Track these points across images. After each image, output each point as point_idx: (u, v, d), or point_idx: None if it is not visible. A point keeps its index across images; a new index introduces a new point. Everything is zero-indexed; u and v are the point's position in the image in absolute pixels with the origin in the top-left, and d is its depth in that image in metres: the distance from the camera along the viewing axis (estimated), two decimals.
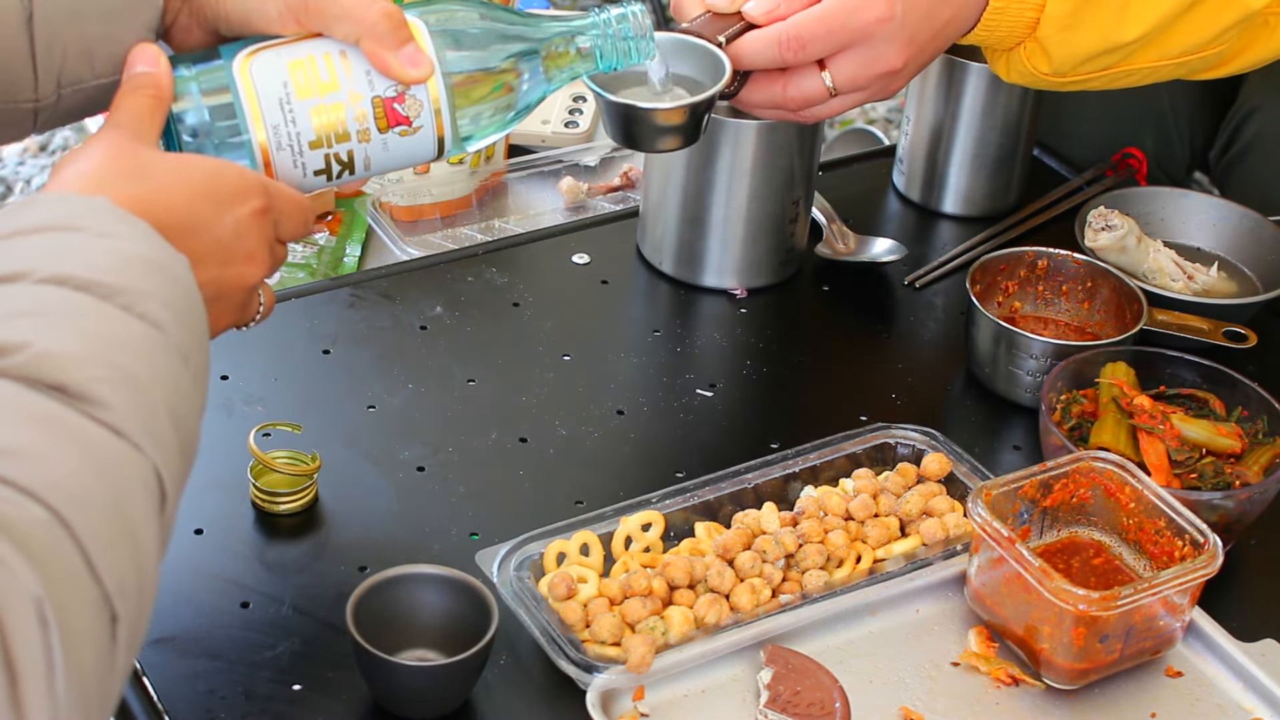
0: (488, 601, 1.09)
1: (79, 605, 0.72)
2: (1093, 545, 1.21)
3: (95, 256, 0.84)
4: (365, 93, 1.05)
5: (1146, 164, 1.71)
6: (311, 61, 1.05)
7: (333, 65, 1.05)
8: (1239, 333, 1.42)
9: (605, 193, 1.69)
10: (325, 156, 1.06)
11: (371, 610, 1.08)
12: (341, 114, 1.05)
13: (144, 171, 0.94)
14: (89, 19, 1.03)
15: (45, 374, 0.77)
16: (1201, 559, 1.13)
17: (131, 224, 0.87)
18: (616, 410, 1.37)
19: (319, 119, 1.05)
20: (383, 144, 1.07)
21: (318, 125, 1.05)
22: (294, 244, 1.60)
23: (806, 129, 1.47)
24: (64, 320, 0.80)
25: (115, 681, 0.75)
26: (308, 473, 1.23)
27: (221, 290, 0.96)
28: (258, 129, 1.04)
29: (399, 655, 1.08)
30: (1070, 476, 1.20)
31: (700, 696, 1.11)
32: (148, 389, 0.81)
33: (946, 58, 1.60)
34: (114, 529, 0.75)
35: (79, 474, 0.75)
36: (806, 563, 1.18)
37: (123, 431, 0.78)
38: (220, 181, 0.97)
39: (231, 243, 0.96)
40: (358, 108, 1.05)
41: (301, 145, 1.05)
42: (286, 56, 1.05)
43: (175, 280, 0.87)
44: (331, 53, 1.05)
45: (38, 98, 1.03)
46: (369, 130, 1.06)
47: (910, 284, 1.55)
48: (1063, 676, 1.12)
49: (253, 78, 1.04)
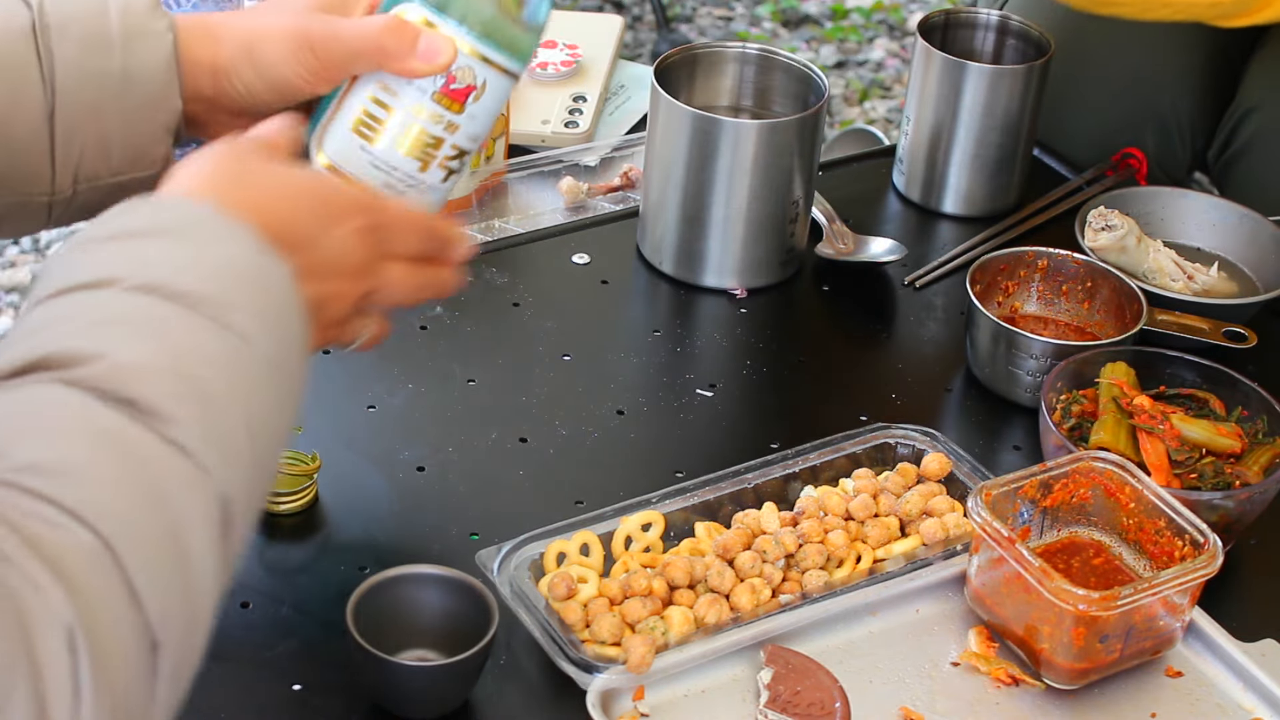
0: (488, 601, 1.09)
1: (115, 632, 0.71)
2: (1093, 545, 1.21)
3: (188, 264, 0.83)
4: (421, 99, 1.06)
5: (1146, 164, 1.71)
6: (364, 111, 1.06)
7: (380, 100, 1.06)
8: (1239, 333, 1.42)
9: (605, 193, 1.69)
10: (437, 166, 1.08)
11: (371, 610, 1.08)
12: (419, 129, 1.07)
13: (254, 179, 0.94)
14: (109, 116, 1.03)
15: (118, 387, 0.76)
16: (1201, 559, 1.13)
17: (234, 229, 0.87)
18: (616, 410, 1.37)
19: (406, 147, 1.07)
20: (469, 117, 1.08)
21: (410, 152, 1.07)
22: None
23: (806, 128, 1.48)
24: (146, 330, 0.79)
25: (157, 712, 0.74)
26: (308, 473, 1.23)
27: (322, 304, 0.95)
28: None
29: (399, 655, 1.08)
30: (1070, 476, 1.20)
31: (700, 696, 1.11)
32: (225, 405, 0.80)
33: (946, 58, 1.61)
34: (164, 556, 0.74)
35: (132, 497, 0.74)
36: (806, 563, 1.18)
37: (190, 450, 0.77)
38: (328, 197, 0.97)
39: (336, 258, 0.95)
40: (426, 113, 1.07)
41: (413, 177, 1.07)
42: (344, 123, 1.07)
43: (268, 289, 0.86)
44: (371, 90, 1.06)
45: (53, 191, 1.03)
46: (449, 120, 1.07)
47: (910, 284, 1.55)
48: (1063, 676, 1.12)
49: (336, 162, 1.06)
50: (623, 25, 1.99)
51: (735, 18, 3.71)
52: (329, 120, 1.07)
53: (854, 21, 3.74)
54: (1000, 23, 1.69)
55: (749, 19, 3.72)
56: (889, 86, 3.50)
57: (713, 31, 3.64)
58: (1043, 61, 1.61)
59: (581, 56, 1.84)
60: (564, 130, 1.76)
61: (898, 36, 3.70)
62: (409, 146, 1.07)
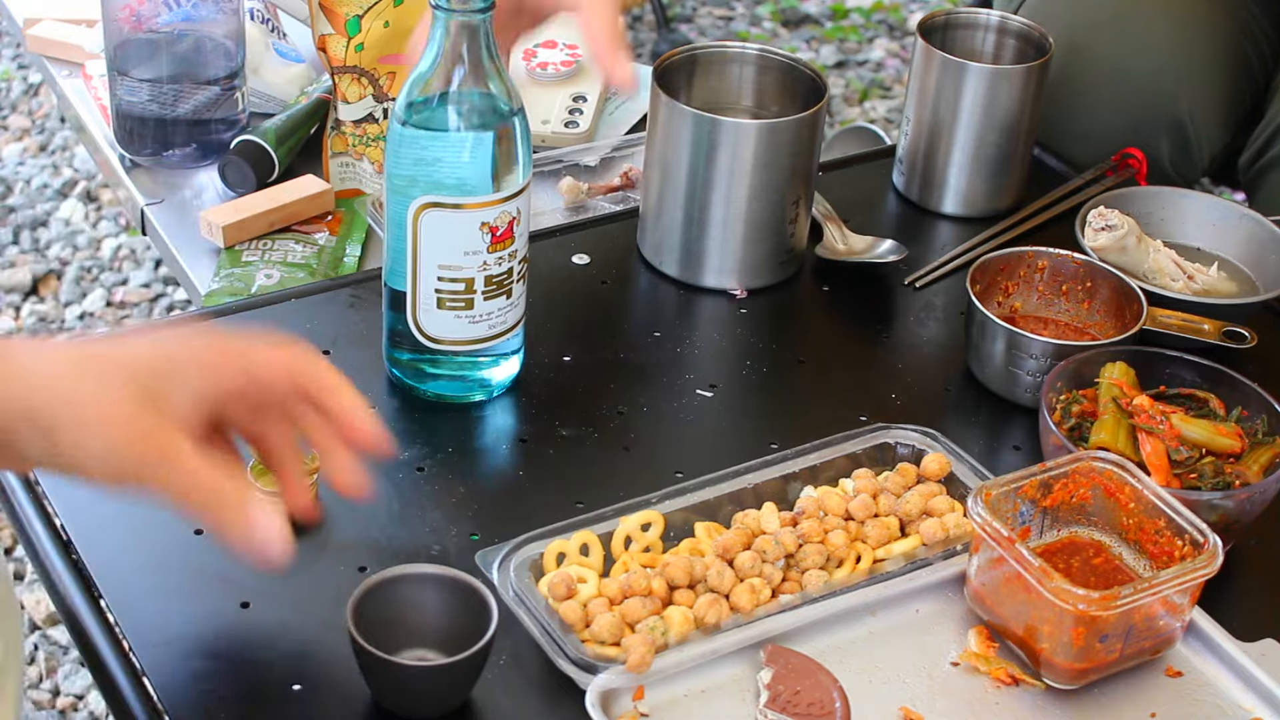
0: (487, 601, 1.09)
1: None
2: (1093, 545, 1.21)
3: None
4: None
5: (1148, 165, 1.71)
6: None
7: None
8: (1239, 333, 1.42)
9: (605, 193, 1.69)
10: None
11: (372, 610, 1.08)
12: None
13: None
14: None
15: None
16: (1201, 559, 1.13)
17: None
18: (617, 410, 1.37)
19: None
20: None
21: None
22: (294, 244, 1.61)
23: (806, 128, 1.48)
24: None
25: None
26: (308, 473, 1.23)
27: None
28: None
29: (399, 655, 1.08)
30: (1070, 476, 1.20)
31: (700, 696, 1.11)
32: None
33: (946, 58, 1.61)
34: None
35: None
36: (806, 563, 1.18)
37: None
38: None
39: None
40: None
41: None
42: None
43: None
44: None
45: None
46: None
47: (910, 284, 1.55)
48: (1062, 676, 1.12)
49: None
50: (623, 25, 1.99)
51: (735, 18, 3.72)
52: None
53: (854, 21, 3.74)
54: (1000, 23, 1.69)
55: (749, 19, 3.72)
56: (889, 86, 3.50)
57: (713, 31, 3.64)
58: (1043, 61, 1.61)
59: (581, 56, 1.84)
60: (564, 130, 1.77)
61: (898, 36, 3.70)
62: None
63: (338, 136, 1.67)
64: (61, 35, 1.94)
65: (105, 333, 0.95)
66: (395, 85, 1.64)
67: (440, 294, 1.28)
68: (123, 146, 1.73)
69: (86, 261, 2.89)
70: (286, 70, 1.82)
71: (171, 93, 1.68)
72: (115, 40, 1.67)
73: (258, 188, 1.67)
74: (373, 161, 1.67)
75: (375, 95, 1.64)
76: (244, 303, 1.46)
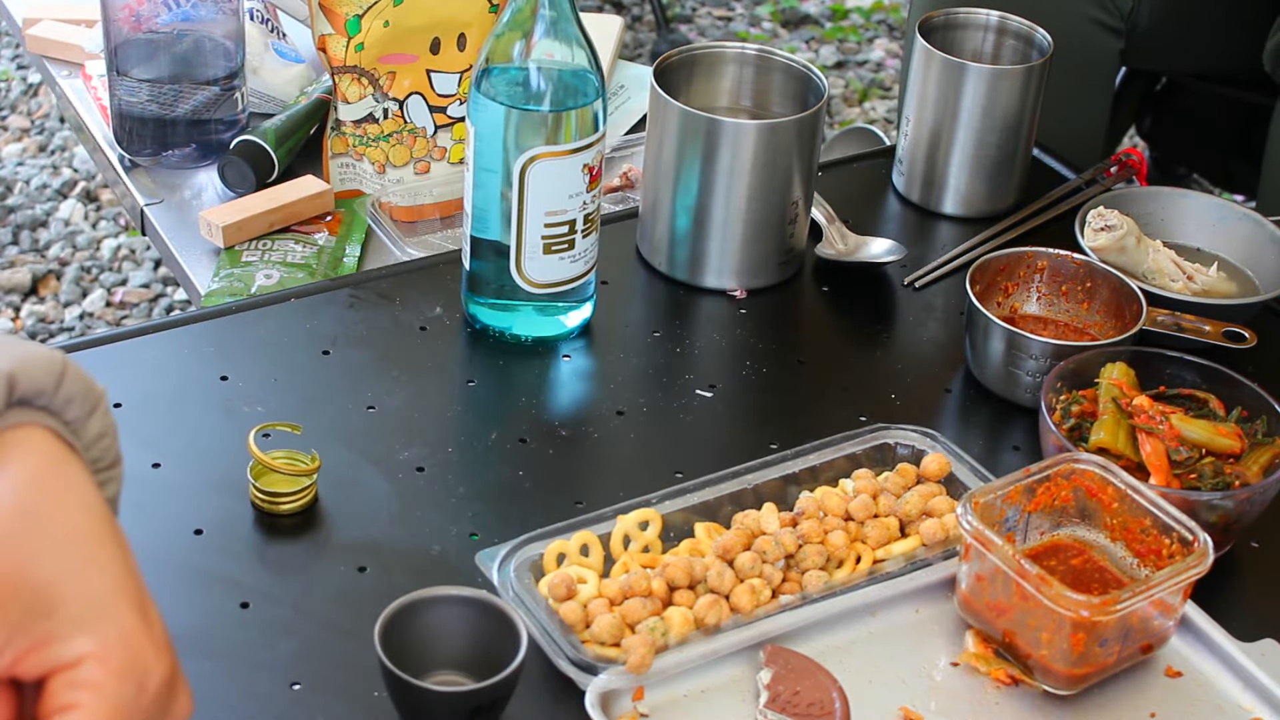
0: (515, 625, 1.06)
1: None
2: (1073, 546, 1.20)
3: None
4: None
5: (1146, 164, 1.71)
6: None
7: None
8: (1239, 333, 1.42)
9: (605, 193, 1.69)
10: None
11: (398, 633, 1.06)
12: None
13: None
14: None
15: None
16: (1193, 557, 1.13)
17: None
18: (616, 410, 1.37)
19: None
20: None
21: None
22: (294, 245, 1.61)
23: (806, 129, 1.48)
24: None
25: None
26: (308, 473, 1.23)
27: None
28: None
29: (425, 678, 1.06)
30: (1052, 480, 1.19)
31: (700, 697, 1.11)
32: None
33: (946, 58, 1.61)
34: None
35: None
36: (806, 563, 1.18)
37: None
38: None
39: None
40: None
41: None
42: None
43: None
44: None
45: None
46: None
47: (910, 284, 1.55)
48: (1061, 682, 1.12)
49: None
50: (622, 25, 1.99)
51: (735, 18, 3.72)
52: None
53: (854, 21, 3.74)
54: (1000, 23, 1.69)
55: (749, 19, 3.72)
56: (889, 86, 3.50)
57: (712, 31, 3.64)
58: (1043, 61, 1.61)
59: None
60: None
61: (897, 36, 3.70)
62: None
63: (338, 137, 1.67)
64: (61, 35, 1.94)
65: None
66: (395, 85, 1.64)
67: (546, 239, 1.36)
68: (122, 146, 1.73)
69: (86, 262, 2.89)
70: (286, 70, 1.82)
71: (171, 93, 1.68)
72: (115, 40, 1.67)
73: (257, 188, 1.67)
74: (373, 162, 1.67)
75: (375, 95, 1.64)
76: (244, 303, 1.46)
